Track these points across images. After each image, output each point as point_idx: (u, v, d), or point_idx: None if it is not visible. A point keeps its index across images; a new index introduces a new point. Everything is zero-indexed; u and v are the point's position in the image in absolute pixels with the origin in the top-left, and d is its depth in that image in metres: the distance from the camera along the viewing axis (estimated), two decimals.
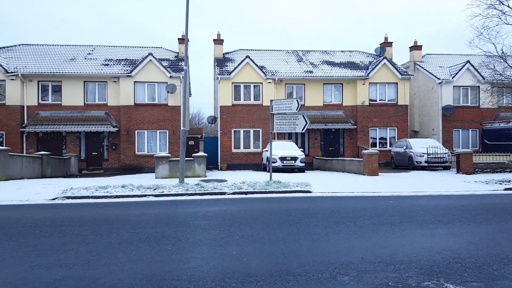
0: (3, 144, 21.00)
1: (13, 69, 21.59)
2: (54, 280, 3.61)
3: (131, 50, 25.96)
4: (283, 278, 3.65)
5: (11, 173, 14.64)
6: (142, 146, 22.85)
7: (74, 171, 20.80)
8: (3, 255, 4.46)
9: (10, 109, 21.53)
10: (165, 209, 8.01)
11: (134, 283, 3.51)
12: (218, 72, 23.85)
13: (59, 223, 6.37)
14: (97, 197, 9.60)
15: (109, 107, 22.72)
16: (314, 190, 10.56)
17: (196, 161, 16.10)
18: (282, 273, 3.77)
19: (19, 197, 9.65)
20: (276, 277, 3.66)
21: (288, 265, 4.04)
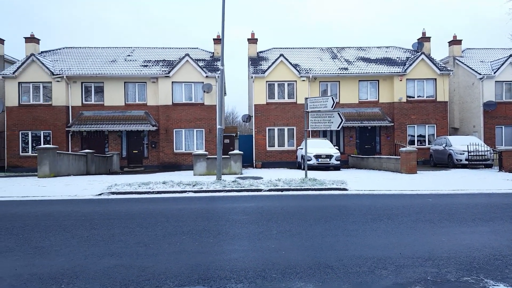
0: (50, 142, 22.37)
1: (59, 71, 22.91)
2: (107, 267, 3.90)
3: (168, 51, 26.77)
4: (321, 270, 3.73)
5: (59, 170, 15.60)
6: (180, 144, 23.54)
7: (116, 168, 21.80)
8: (60, 245, 4.84)
9: (56, 109, 22.88)
10: (204, 204, 8.28)
11: (180, 272, 3.73)
12: (252, 71, 24.07)
13: (107, 216, 6.79)
14: (140, 193, 10.08)
15: (149, 106, 23.58)
16: (350, 188, 10.49)
17: (232, 159, 16.39)
18: (320, 266, 3.86)
19: (68, 192, 10.31)
20: (314, 270, 3.76)
21: (326, 258, 4.11)
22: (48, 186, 11.48)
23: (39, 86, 22.98)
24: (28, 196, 9.77)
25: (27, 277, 3.61)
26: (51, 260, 4.17)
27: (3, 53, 25.54)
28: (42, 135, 22.90)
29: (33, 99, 22.96)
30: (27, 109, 22.81)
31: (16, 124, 22.71)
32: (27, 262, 4.12)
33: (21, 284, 3.45)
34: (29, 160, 22.38)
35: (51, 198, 9.54)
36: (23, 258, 4.25)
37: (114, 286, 3.38)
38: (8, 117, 22.71)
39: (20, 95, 22.82)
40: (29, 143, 22.88)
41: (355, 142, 24.44)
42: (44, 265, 3.99)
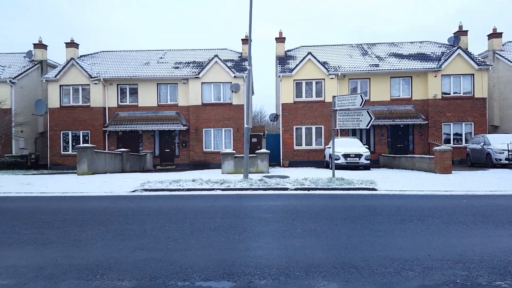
0: (88, 142, 23.45)
1: (96, 74, 23.95)
2: (138, 261, 4.11)
3: (198, 53, 27.31)
4: (346, 270, 3.75)
5: (96, 168, 16.35)
6: (209, 143, 23.97)
7: (149, 166, 22.54)
8: (95, 238, 5.13)
9: (94, 110, 23.94)
10: (231, 202, 8.45)
11: (207, 267, 3.87)
12: (280, 70, 24.08)
13: (140, 212, 7.09)
14: (171, 190, 10.42)
15: (179, 107, 24.18)
16: (379, 188, 10.32)
17: (259, 158, 16.52)
18: (345, 266, 3.88)
19: (104, 189, 10.81)
20: (339, 269, 3.78)
21: (351, 258, 4.12)
22: (86, 183, 12.08)
23: (78, 88, 24.13)
24: (68, 192, 10.35)
25: (66, 267, 3.88)
26: (88, 252, 4.45)
27: (46, 58, 27.02)
28: (81, 135, 24.04)
29: (73, 101, 24.15)
30: (68, 110, 24.01)
31: (57, 124, 23.97)
32: (66, 253, 4.41)
33: (61, 273, 3.72)
34: (69, 158, 23.57)
35: (88, 194, 10.05)
36: (63, 250, 4.55)
37: (144, 278, 3.57)
38: (50, 118, 24.01)
39: (61, 97, 24.06)
40: (69, 143, 24.09)
41: (387, 141, 23.88)
42: (81, 257, 4.26)
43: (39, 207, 8.01)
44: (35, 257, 4.29)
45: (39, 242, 4.93)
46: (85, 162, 15.77)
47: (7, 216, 6.83)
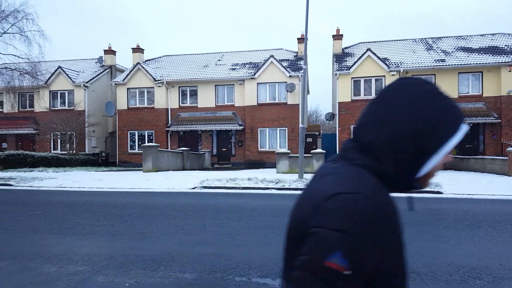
0: (153, 141, 24.89)
1: (160, 77, 25.32)
2: (198, 254, 4.31)
3: (254, 54, 27.69)
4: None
5: (160, 165, 17.32)
6: (264, 143, 24.19)
7: (207, 165, 23.36)
8: (159, 232, 5.46)
9: (157, 111, 25.35)
10: (286, 201, 8.48)
11: (263, 264, 3.95)
12: (337, 67, 23.57)
13: (199, 208, 7.41)
14: (227, 188, 10.72)
15: (236, 107, 24.72)
16: (445, 191, 9.70)
17: (315, 158, 16.34)
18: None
19: (167, 185, 11.43)
20: None
21: (413, 263, 3.95)
22: (151, 180, 12.85)
23: (143, 91, 25.73)
24: (135, 188, 11.10)
25: (133, 258, 4.20)
26: (153, 245, 4.76)
27: (115, 62, 29.17)
28: (146, 135, 25.60)
29: (139, 103, 25.80)
30: (134, 111, 25.70)
31: (125, 125, 25.77)
32: (133, 245, 4.76)
33: (129, 263, 4.03)
34: (135, 156, 25.21)
35: (153, 190, 10.70)
36: (130, 241, 4.92)
37: (204, 271, 3.74)
38: (119, 118, 25.89)
39: (128, 99, 25.82)
40: (135, 142, 25.78)
41: None
42: (147, 248, 4.58)
43: (109, 201, 8.70)
44: (106, 247, 4.69)
45: (109, 233, 5.37)
46: (149, 160, 16.78)
47: (82, 209, 7.51)
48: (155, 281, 3.50)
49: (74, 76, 26.77)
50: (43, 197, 9.46)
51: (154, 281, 3.51)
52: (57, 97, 26.71)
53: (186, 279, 3.56)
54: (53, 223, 6.07)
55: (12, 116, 26.05)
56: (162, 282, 3.48)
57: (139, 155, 23.20)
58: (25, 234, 5.38)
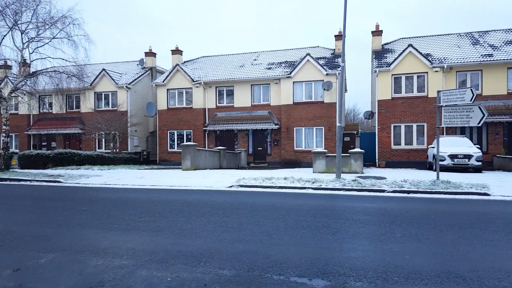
0: (191, 140, 25.52)
1: (197, 78, 25.90)
2: (236, 252, 4.38)
3: (290, 53, 27.60)
4: (451, 280, 3.48)
5: (198, 164, 17.72)
6: (300, 142, 24.04)
7: (243, 164, 23.59)
8: (199, 229, 5.59)
9: (195, 111, 25.95)
10: (323, 201, 8.39)
11: (300, 263, 3.95)
12: (376, 64, 22.93)
13: (236, 206, 7.51)
14: (264, 187, 10.77)
15: (272, 106, 24.75)
16: (493, 193, 9.18)
17: (353, 157, 16.01)
18: (450, 275, 3.59)
19: (204, 183, 11.67)
20: (443, 278, 3.52)
21: (458, 268, 3.80)
22: (190, 178, 13.18)
23: (182, 91, 26.43)
24: (175, 186, 11.44)
25: (174, 254, 4.34)
26: (192, 241, 4.89)
27: (155, 64, 30.18)
28: (184, 134, 26.29)
29: (178, 103, 26.55)
30: (173, 111, 26.47)
31: (165, 124, 26.61)
32: (174, 241, 4.92)
33: (170, 258, 4.17)
34: (175, 155, 25.97)
35: (192, 188, 10.97)
36: (171, 237, 5.09)
37: (242, 268, 3.80)
38: (159, 118, 26.77)
39: (168, 100, 26.64)
40: (175, 141, 26.55)
41: (502, 140, 20.99)
42: (187, 245, 4.71)
43: (151, 198, 9.03)
44: (149, 242, 4.88)
45: (151, 229, 5.58)
46: (188, 158, 17.21)
47: (126, 206, 7.86)
48: (195, 277, 3.60)
49: (117, 78, 27.99)
50: (89, 194, 9.99)
51: (194, 276, 3.61)
52: (101, 98, 28.07)
53: (225, 275, 3.63)
54: (99, 218, 6.39)
55: (60, 117, 27.71)
56: (202, 277, 3.58)
57: (178, 154, 23.87)
58: (74, 228, 5.71)
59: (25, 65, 18.99)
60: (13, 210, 7.47)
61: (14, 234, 5.32)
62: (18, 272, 3.78)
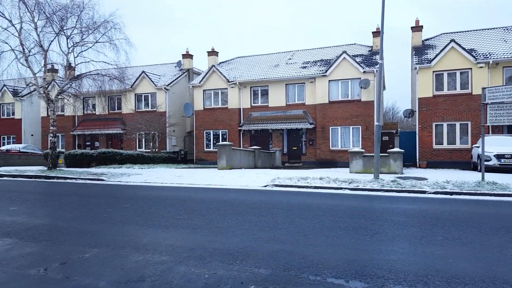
0: (226, 140, 25.88)
1: (233, 79, 26.20)
2: (272, 251, 4.40)
3: (326, 51, 27.25)
4: (497, 285, 3.31)
5: (233, 163, 17.94)
6: (336, 141, 23.66)
7: (278, 163, 23.58)
8: (235, 227, 5.67)
9: (231, 111, 26.28)
10: (360, 202, 8.22)
11: (337, 265, 3.90)
12: (416, 61, 22.10)
13: (272, 206, 7.53)
14: (299, 187, 10.72)
15: (306, 106, 24.56)
16: None
17: (392, 157, 15.55)
18: (496, 281, 3.41)
19: (240, 183, 11.81)
20: (488, 283, 3.35)
21: (505, 273, 3.60)
22: (225, 177, 13.37)
23: (218, 92, 26.87)
24: (211, 185, 11.66)
25: (211, 251, 4.43)
26: (229, 239, 4.97)
27: (192, 66, 30.91)
28: (220, 134, 26.72)
29: (213, 103, 27.02)
30: (209, 112, 26.97)
31: (201, 124, 27.18)
32: (211, 238, 5.02)
33: (207, 255, 4.26)
34: (211, 154, 26.45)
35: (227, 187, 11.14)
36: (208, 235, 5.20)
37: (278, 268, 3.82)
38: (196, 119, 27.39)
39: (204, 100, 27.19)
40: (210, 140, 27.05)
41: None
42: (223, 242, 4.80)
43: (189, 196, 9.26)
44: (187, 239, 5.01)
45: (189, 227, 5.72)
46: (224, 158, 17.47)
47: (165, 203, 8.11)
48: (232, 274, 3.66)
49: (156, 80, 28.93)
50: (130, 192, 10.41)
51: (231, 274, 3.67)
52: (141, 100, 29.13)
53: (261, 274, 3.66)
54: (139, 215, 6.65)
55: (103, 118, 29.06)
56: (238, 275, 3.63)
57: (214, 153, 24.28)
58: (116, 224, 5.97)
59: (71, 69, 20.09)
60: (61, 207, 7.94)
61: (61, 230, 5.65)
62: (65, 265, 4.01)
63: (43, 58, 18.38)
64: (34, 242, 4.91)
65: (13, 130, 32.82)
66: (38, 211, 7.35)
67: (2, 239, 5.08)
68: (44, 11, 17.80)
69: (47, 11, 17.83)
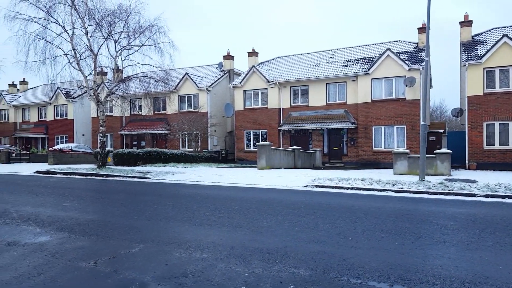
0: (266, 140, 25.97)
1: (272, 79, 26.25)
2: (311, 252, 4.39)
3: (368, 48, 26.54)
4: None
5: (273, 163, 17.99)
6: (379, 141, 22.96)
7: (318, 163, 23.30)
8: (274, 227, 5.71)
9: (270, 111, 26.35)
10: (405, 205, 7.94)
11: (379, 268, 3.82)
12: (465, 57, 20.91)
13: (311, 207, 7.49)
14: (339, 188, 10.55)
15: (348, 105, 24.05)
16: None
17: (439, 158, 14.84)
18: None
19: (279, 183, 11.83)
20: None
21: None
22: (265, 177, 13.45)
23: (258, 92, 27.06)
24: (251, 184, 11.78)
25: (251, 250, 4.50)
26: (268, 238, 5.02)
27: (233, 67, 31.36)
28: (260, 134, 26.88)
29: (253, 104, 27.24)
30: (249, 112, 27.23)
31: (241, 125, 27.50)
32: (251, 237, 5.09)
33: (247, 254, 4.33)
34: (250, 154, 26.70)
35: (267, 187, 11.20)
36: (248, 234, 5.28)
37: (318, 269, 3.80)
38: (236, 119, 27.77)
39: (244, 100, 27.49)
40: (250, 140, 27.30)
41: None
42: (263, 242, 4.85)
43: (229, 195, 9.43)
44: (227, 237, 5.12)
45: (230, 225, 5.84)
46: (263, 158, 17.57)
47: (206, 201, 8.32)
48: (271, 274, 3.70)
49: (198, 81, 29.66)
50: (174, 189, 10.78)
51: (271, 273, 3.71)
52: (184, 101, 30.01)
53: (301, 274, 3.67)
54: (182, 213, 6.88)
55: (149, 118, 30.25)
56: (278, 275, 3.67)
57: (254, 153, 24.46)
58: (160, 221, 6.22)
59: (118, 71, 21.13)
60: (109, 203, 8.40)
61: (110, 225, 5.98)
62: (113, 260, 4.25)
63: (93, 61, 19.48)
64: (85, 237, 5.25)
65: (66, 130, 35.11)
66: (89, 207, 7.83)
67: (57, 233, 5.47)
68: (94, 17, 18.87)
69: (96, 17, 18.88)
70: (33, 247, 4.73)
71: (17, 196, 9.48)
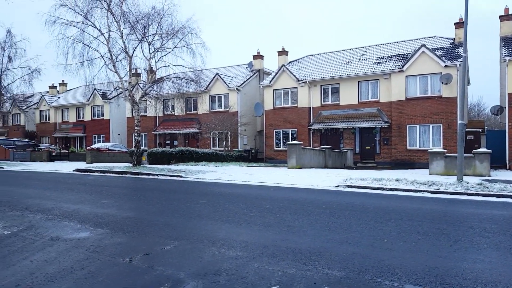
0: (296, 139, 25.82)
1: (302, 78, 26.06)
2: (345, 254, 4.34)
3: (402, 45, 25.79)
4: None
5: (303, 162, 17.88)
6: (414, 141, 22.24)
7: (350, 163, 22.90)
8: (306, 227, 5.68)
9: (300, 110, 26.17)
10: (442, 206, 7.67)
11: (415, 271, 3.72)
12: (505, 53, 19.83)
13: (344, 207, 7.39)
14: (372, 188, 10.33)
15: (381, 103, 23.45)
16: None
17: (477, 158, 14.20)
18: None
19: (310, 182, 11.74)
20: None
21: None
22: (295, 176, 13.40)
23: (288, 91, 26.96)
24: (281, 183, 11.78)
25: (283, 249, 4.50)
26: (300, 238, 5.01)
27: (263, 66, 31.41)
28: (289, 133, 26.78)
29: (283, 103, 27.17)
30: (279, 111, 27.18)
31: (271, 124, 27.51)
32: (283, 237, 5.10)
33: (280, 253, 4.34)
34: (280, 153, 26.65)
35: (298, 186, 11.16)
36: (280, 233, 5.29)
37: (352, 271, 3.76)
38: (266, 118, 27.81)
39: (274, 100, 27.47)
40: (280, 140, 27.25)
41: None
42: (295, 242, 4.85)
43: (260, 194, 9.47)
44: (260, 237, 5.15)
45: (261, 224, 5.87)
46: (293, 157, 17.50)
47: (238, 200, 8.40)
48: (305, 274, 3.69)
49: (229, 81, 29.94)
50: (206, 188, 10.96)
51: (304, 274, 3.71)
52: (215, 101, 30.40)
53: (335, 276, 3.64)
54: (215, 211, 6.99)
55: (181, 118, 30.89)
56: (311, 275, 3.65)
57: (284, 152, 24.39)
58: (194, 219, 6.35)
59: (152, 73, 21.71)
60: (145, 201, 8.67)
61: (146, 222, 6.17)
62: (148, 256, 4.39)
63: (128, 63, 20.12)
64: (122, 233, 5.45)
65: (103, 129, 36.52)
66: (125, 205, 8.12)
67: (96, 229, 5.71)
68: (129, 20, 19.48)
69: (131, 20, 19.48)
70: (74, 243, 4.97)
71: (59, 193, 9.98)
